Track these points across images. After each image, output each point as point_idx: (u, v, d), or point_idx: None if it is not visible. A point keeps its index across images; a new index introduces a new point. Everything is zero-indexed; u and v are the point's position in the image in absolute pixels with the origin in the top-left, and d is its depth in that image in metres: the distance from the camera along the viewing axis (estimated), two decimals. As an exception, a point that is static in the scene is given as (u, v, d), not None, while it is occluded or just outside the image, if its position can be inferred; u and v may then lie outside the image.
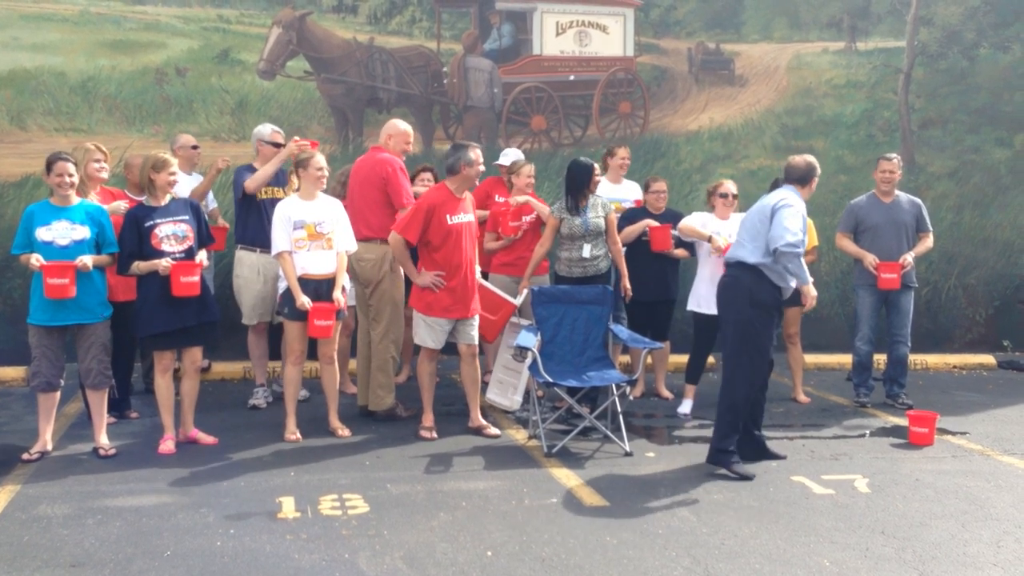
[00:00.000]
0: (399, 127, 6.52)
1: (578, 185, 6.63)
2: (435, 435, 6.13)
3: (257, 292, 6.70)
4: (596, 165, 6.72)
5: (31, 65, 8.05)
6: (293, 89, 8.52)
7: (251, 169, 6.67)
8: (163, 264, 5.51)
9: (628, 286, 6.69)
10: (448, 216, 5.99)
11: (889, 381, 7.42)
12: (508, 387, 6.78)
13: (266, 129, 6.82)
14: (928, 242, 7.26)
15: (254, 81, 8.44)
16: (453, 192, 6.07)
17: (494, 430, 6.25)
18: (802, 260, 5.35)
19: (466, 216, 6.13)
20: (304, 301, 5.83)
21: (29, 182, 7.92)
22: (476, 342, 6.27)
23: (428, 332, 6.14)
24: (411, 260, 6.14)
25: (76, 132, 8.06)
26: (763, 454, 5.78)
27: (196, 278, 5.60)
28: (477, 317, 6.28)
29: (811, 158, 5.67)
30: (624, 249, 6.86)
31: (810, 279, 5.45)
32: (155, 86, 8.27)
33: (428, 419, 6.22)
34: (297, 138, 6.52)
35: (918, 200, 7.36)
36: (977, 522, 4.82)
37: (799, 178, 5.60)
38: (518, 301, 6.65)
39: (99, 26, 8.23)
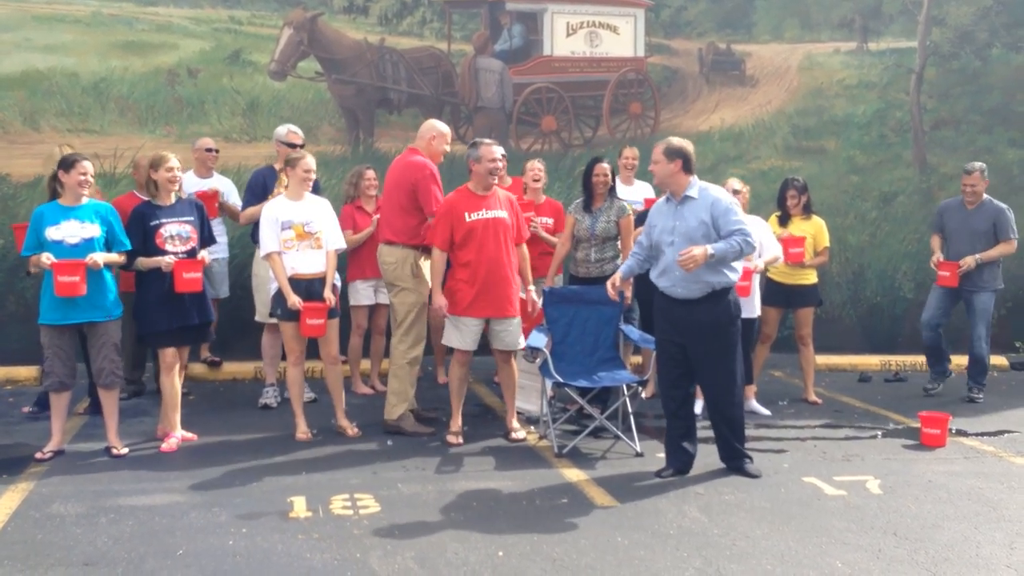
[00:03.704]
0: (440, 128, 6.26)
1: (583, 183, 6.67)
2: (460, 440, 6.04)
3: (272, 291, 6.70)
4: (604, 164, 6.61)
5: (44, 66, 8.08)
6: (304, 90, 8.54)
7: (270, 170, 6.69)
8: (165, 261, 5.59)
9: (628, 294, 6.62)
10: (467, 214, 5.92)
11: (968, 377, 7.83)
12: (531, 391, 6.70)
13: (282, 130, 6.78)
14: (1004, 248, 7.50)
15: (265, 82, 8.46)
16: (472, 190, 6.02)
17: (519, 435, 6.18)
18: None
19: (490, 212, 5.98)
20: (295, 301, 5.83)
21: (42, 182, 7.90)
22: (513, 347, 6.10)
23: (454, 331, 6.05)
24: (440, 280, 6.00)
25: (88, 133, 8.10)
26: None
27: (199, 275, 5.68)
28: (516, 320, 6.08)
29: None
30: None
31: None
32: (167, 87, 8.30)
33: (454, 424, 6.13)
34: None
35: (1001, 207, 7.55)
36: (990, 524, 4.80)
37: None
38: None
39: (111, 27, 8.25)
